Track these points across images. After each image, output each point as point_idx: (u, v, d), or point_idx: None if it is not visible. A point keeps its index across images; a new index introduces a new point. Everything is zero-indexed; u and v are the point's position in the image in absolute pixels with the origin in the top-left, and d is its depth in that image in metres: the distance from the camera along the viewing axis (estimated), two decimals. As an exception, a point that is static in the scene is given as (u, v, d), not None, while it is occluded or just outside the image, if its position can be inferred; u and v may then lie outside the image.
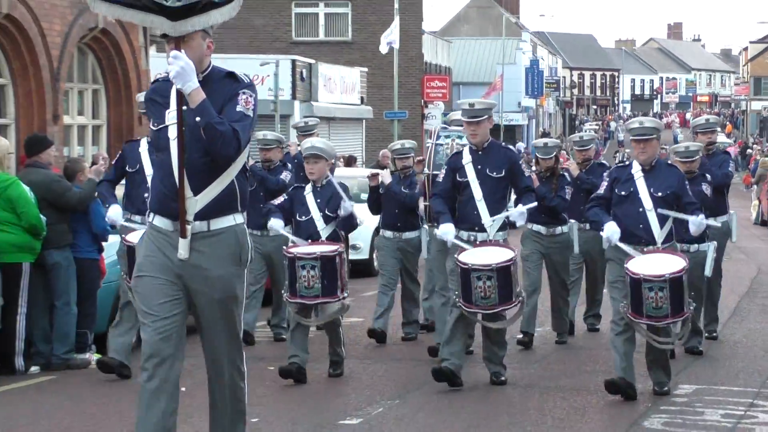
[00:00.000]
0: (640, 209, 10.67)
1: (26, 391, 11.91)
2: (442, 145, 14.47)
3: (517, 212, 11.30)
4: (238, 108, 6.84)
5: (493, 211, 11.20)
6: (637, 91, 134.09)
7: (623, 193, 10.78)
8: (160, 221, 6.96)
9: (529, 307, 13.34)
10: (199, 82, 6.77)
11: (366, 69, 46.54)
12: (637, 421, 10.26)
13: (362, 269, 21.55)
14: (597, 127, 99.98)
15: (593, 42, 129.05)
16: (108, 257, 13.54)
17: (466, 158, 11.33)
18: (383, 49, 41.93)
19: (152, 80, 7.13)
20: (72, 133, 23.22)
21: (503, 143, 12.57)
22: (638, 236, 10.72)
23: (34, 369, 12.71)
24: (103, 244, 13.29)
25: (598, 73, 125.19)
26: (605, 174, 11.55)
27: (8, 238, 12.47)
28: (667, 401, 11.20)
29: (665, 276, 10.29)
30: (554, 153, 14.01)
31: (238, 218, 7.06)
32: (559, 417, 10.51)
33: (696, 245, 12.56)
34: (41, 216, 12.37)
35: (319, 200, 11.75)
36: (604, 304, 14.15)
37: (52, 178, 13.04)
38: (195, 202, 6.84)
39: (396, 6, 42.80)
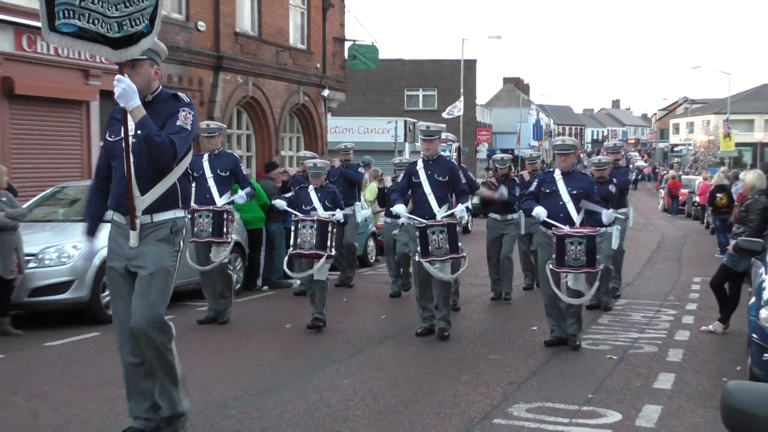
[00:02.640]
0: (561, 202, 8.65)
1: (260, 299, 12.02)
2: None
3: (459, 209, 8.97)
4: (178, 123, 4.91)
5: (440, 202, 9.06)
6: (595, 138, 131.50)
7: (548, 190, 8.78)
8: (117, 216, 5.09)
9: (507, 275, 11.80)
10: (148, 101, 4.97)
11: (444, 125, 46.23)
12: (594, 320, 10.17)
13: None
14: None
15: (570, 110, 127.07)
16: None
17: (419, 165, 9.20)
18: (446, 115, 41.23)
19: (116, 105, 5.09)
20: (286, 161, 23.49)
21: (447, 158, 9.98)
22: (560, 221, 8.81)
23: (264, 288, 12.90)
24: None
25: (573, 127, 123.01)
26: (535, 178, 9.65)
27: (255, 214, 12.60)
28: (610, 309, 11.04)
29: (584, 233, 8.36)
30: (508, 164, 12.06)
31: (178, 213, 5.08)
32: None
33: (603, 228, 10.03)
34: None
35: (320, 194, 9.95)
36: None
37: (273, 185, 13.11)
38: (142, 201, 4.98)
39: (461, 90, 42.60)
